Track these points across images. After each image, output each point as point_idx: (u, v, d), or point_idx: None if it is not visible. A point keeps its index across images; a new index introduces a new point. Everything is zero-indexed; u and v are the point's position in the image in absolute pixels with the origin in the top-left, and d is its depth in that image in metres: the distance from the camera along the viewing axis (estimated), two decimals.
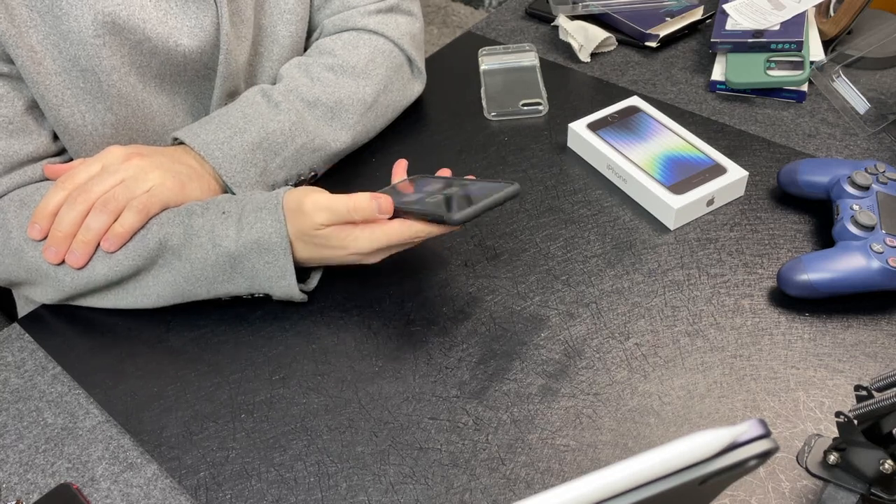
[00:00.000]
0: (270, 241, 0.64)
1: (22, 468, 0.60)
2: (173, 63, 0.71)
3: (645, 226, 0.74)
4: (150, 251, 0.65)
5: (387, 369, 0.64)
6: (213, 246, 0.64)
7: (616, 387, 0.61)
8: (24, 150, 0.69)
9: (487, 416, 0.60)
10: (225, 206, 0.66)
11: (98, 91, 0.68)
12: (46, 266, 0.66)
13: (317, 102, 0.76)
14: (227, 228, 0.64)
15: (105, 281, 0.66)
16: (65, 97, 0.68)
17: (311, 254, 0.65)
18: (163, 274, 0.66)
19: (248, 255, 0.64)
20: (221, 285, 0.66)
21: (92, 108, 0.69)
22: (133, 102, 0.71)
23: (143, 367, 0.65)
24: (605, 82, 0.92)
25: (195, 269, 0.65)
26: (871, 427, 0.47)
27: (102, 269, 0.65)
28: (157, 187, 0.67)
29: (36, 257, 0.66)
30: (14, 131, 0.68)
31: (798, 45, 0.87)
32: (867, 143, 0.81)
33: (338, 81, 0.78)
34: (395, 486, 0.56)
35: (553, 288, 0.69)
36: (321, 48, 0.81)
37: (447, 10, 2.70)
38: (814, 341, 0.63)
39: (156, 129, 0.74)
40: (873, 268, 0.62)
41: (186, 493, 0.57)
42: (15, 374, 0.66)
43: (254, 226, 0.64)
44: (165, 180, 0.67)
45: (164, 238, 0.65)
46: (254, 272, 0.65)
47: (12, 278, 0.68)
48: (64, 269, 0.66)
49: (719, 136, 0.82)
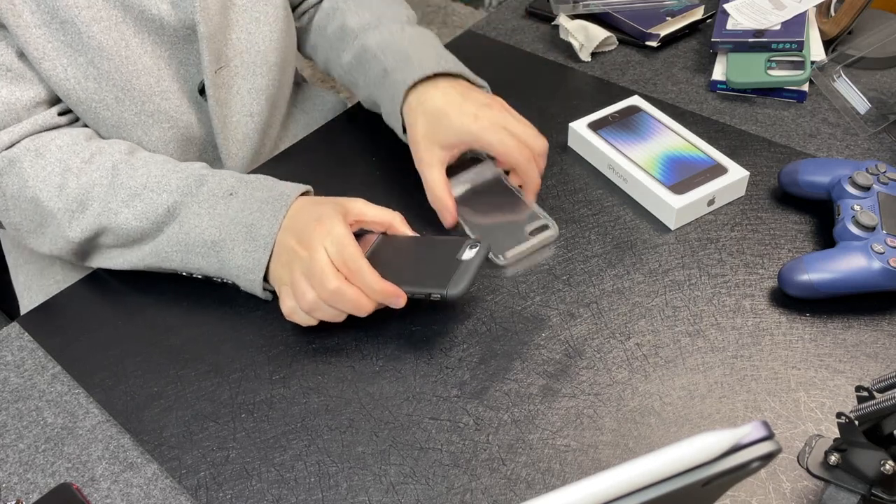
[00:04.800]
0: (259, 233, 0.65)
1: (22, 468, 0.60)
2: (148, 19, 0.71)
3: (646, 225, 0.74)
4: (158, 216, 0.67)
5: (387, 369, 0.63)
6: (211, 218, 0.66)
7: (617, 387, 0.61)
8: (26, 95, 0.70)
9: (488, 416, 0.60)
10: (236, 186, 0.68)
11: (79, 44, 0.68)
12: (60, 217, 0.68)
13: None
14: (228, 208, 0.66)
15: (113, 243, 0.69)
16: (46, 50, 0.68)
17: (280, 266, 0.65)
18: (160, 236, 0.68)
19: (233, 238, 0.65)
20: (196, 259, 0.67)
21: (73, 61, 0.69)
22: (116, 57, 0.70)
23: (143, 367, 0.65)
24: (605, 82, 0.92)
25: (183, 236, 0.67)
26: (872, 428, 0.47)
27: (111, 232, 0.68)
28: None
29: (49, 207, 0.68)
30: (13, 78, 0.69)
31: (799, 45, 0.87)
32: (868, 144, 0.80)
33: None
34: (395, 486, 0.56)
35: (554, 288, 0.68)
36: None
37: (447, 10, 2.70)
38: (815, 342, 0.63)
39: (142, 87, 0.72)
40: (874, 268, 0.62)
41: (186, 493, 0.57)
42: (14, 373, 0.66)
43: (252, 213, 0.65)
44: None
45: (173, 205, 0.67)
46: (231, 256, 0.66)
47: (22, 227, 0.71)
48: (73, 225, 0.68)
49: (720, 135, 0.82)
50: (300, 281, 0.62)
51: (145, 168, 0.69)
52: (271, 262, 0.65)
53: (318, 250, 0.62)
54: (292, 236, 0.64)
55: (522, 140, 0.71)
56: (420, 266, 0.64)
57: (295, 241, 0.63)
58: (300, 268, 0.62)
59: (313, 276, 0.61)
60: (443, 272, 0.62)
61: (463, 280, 0.61)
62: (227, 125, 0.79)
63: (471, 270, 0.62)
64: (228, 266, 0.66)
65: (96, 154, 0.70)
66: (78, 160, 0.69)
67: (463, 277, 0.61)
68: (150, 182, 0.68)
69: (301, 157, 0.85)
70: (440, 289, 0.61)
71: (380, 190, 0.79)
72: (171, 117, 0.75)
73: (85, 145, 0.70)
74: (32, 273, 0.86)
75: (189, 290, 0.71)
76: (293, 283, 0.63)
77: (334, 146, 0.86)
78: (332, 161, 0.84)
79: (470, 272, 0.61)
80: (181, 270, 0.69)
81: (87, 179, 0.68)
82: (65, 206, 0.68)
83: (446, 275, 0.62)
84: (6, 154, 0.69)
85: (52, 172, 0.68)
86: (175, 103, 0.75)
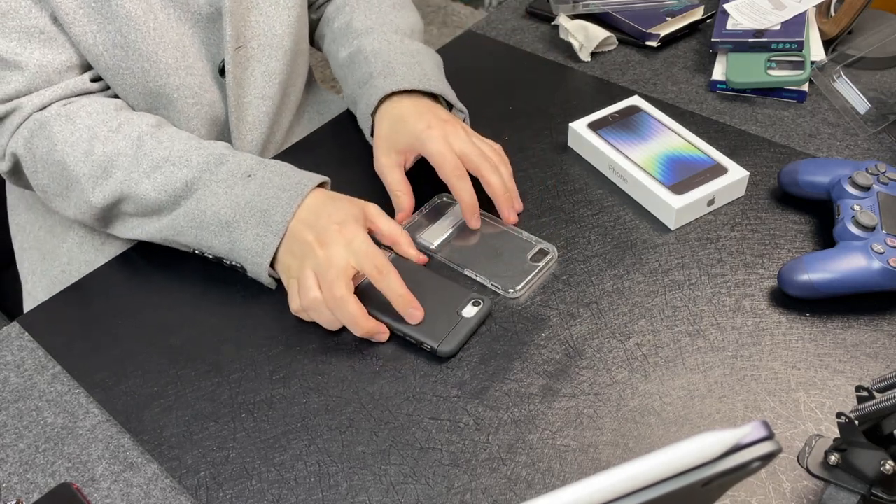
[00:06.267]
0: (273, 219, 0.65)
1: (22, 468, 0.60)
2: None
3: (645, 225, 0.74)
4: (176, 189, 0.68)
5: (387, 369, 0.64)
6: (227, 198, 0.67)
7: (617, 387, 0.61)
8: (58, 59, 0.71)
9: (488, 416, 0.60)
10: (255, 168, 0.69)
11: (108, 11, 0.70)
12: (85, 182, 0.70)
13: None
14: (245, 189, 0.67)
15: (133, 211, 0.70)
16: (77, 16, 0.69)
17: (290, 255, 0.66)
18: (177, 210, 0.69)
19: (247, 221, 0.66)
20: (209, 236, 0.68)
21: (102, 28, 0.70)
22: (143, 28, 0.71)
23: (143, 367, 0.65)
24: (605, 82, 0.92)
25: (199, 212, 0.68)
26: (872, 428, 0.47)
27: (131, 200, 0.69)
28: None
29: (75, 171, 0.69)
30: (46, 41, 0.70)
31: (799, 45, 0.87)
32: (868, 144, 0.81)
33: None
34: (395, 486, 0.56)
35: (553, 288, 0.68)
36: None
37: (447, 10, 2.70)
38: (814, 342, 0.63)
39: (168, 60, 0.74)
40: (874, 268, 0.62)
41: (186, 493, 0.57)
42: (14, 373, 0.66)
43: (268, 199, 0.66)
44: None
45: (191, 180, 0.68)
46: (242, 238, 0.66)
47: (49, 189, 0.72)
48: (96, 191, 0.70)
49: (720, 135, 0.82)
50: (309, 277, 0.64)
51: (169, 142, 0.70)
52: (280, 249, 0.66)
53: (337, 255, 0.63)
54: (310, 231, 0.65)
55: (462, 156, 0.71)
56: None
57: (313, 237, 0.64)
58: (313, 264, 0.64)
59: (325, 279, 0.63)
60: (440, 324, 0.64)
61: (456, 339, 0.63)
62: (240, 105, 0.81)
63: (466, 330, 0.64)
64: (239, 248, 0.67)
65: (124, 124, 0.71)
66: (106, 128, 0.70)
67: (457, 336, 0.63)
68: (172, 155, 0.69)
69: (312, 151, 0.85)
70: (433, 341, 0.63)
71: (380, 186, 0.79)
72: (195, 93, 0.77)
73: (114, 114, 0.72)
74: (37, 259, 0.87)
75: (189, 290, 0.71)
76: (301, 276, 0.64)
77: (342, 142, 0.86)
78: (340, 156, 0.84)
79: (465, 332, 0.64)
80: (195, 247, 0.70)
81: (112, 148, 0.70)
82: (90, 171, 0.69)
83: (443, 328, 0.64)
84: (38, 116, 0.71)
85: (81, 138, 0.70)
86: (199, 80, 0.77)
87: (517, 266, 0.69)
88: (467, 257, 0.71)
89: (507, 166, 0.75)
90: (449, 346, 0.62)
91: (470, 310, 0.65)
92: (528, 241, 0.71)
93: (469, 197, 0.71)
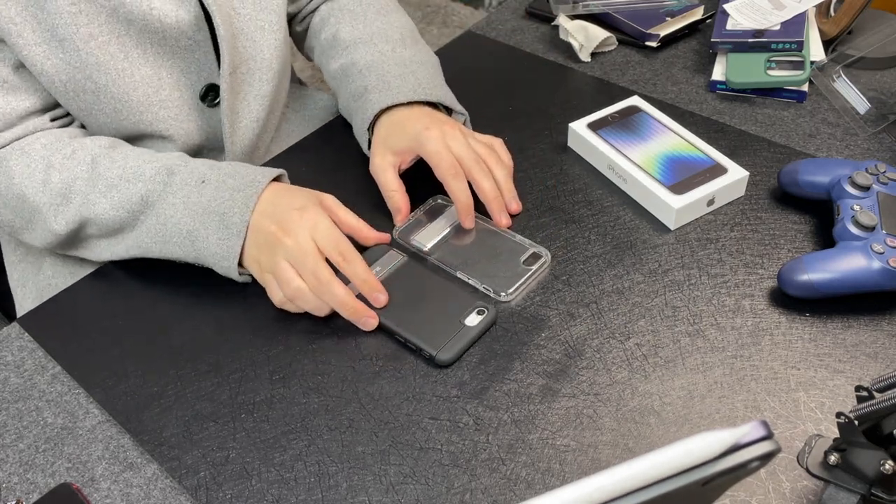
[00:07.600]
0: (232, 221, 0.66)
1: (22, 468, 0.60)
2: (152, 31, 0.71)
3: (645, 226, 0.74)
4: (133, 205, 0.69)
5: (387, 369, 0.64)
6: (185, 208, 0.67)
7: (616, 387, 0.61)
8: (21, 105, 0.72)
9: (488, 417, 0.60)
10: (207, 174, 0.69)
11: (77, 61, 0.69)
12: (46, 210, 0.70)
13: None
14: (201, 196, 0.68)
15: (97, 233, 0.71)
16: (45, 67, 0.69)
17: (256, 248, 0.66)
18: (139, 227, 0.69)
19: (207, 227, 0.67)
20: (174, 248, 0.69)
21: (72, 77, 0.70)
22: (112, 72, 0.71)
23: (143, 367, 0.65)
24: (605, 82, 0.92)
25: (160, 226, 0.68)
26: (871, 428, 0.47)
27: (93, 223, 0.70)
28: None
29: (35, 202, 0.70)
30: (10, 89, 0.71)
31: (798, 45, 0.87)
32: (867, 144, 0.81)
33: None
34: (395, 486, 0.56)
35: (553, 288, 0.69)
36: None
37: (447, 10, 2.70)
38: (814, 342, 0.63)
39: (139, 98, 0.74)
40: (874, 268, 0.62)
41: (186, 493, 0.57)
42: (14, 373, 0.66)
43: (224, 202, 0.67)
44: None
45: (146, 194, 0.68)
46: (206, 245, 0.67)
47: (14, 223, 0.73)
48: (58, 218, 0.70)
49: (720, 136, 0.82)
50: (286, 269, 0.64)
51: (123, 160, 0.71)
52: (245, 245, 0.67)
53: (305, 239, 0.64)
54: (270, 221, 0.65)
55: (458, 159, 0.71)
56: (423, 314, 0.65)
57: (275, 226, 0.65)
58: (284, 255, 0.64)
59: (304, 267, 0.63)
60: (441, 331, 0.64)
61: (456, 348, 0.63)
62: (235, 131, 0.81)
63: (467, 339, 0.64)
64: (204, 254, 0.68)
65: (78, 149, 0.71)
66: (60, 156, 0.71)
67: (457, 345, 0.63)
68: (125, 172, 0.70)
69: (299, 158, 0.85)
70: (432, 349, 0.63)
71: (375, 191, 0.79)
72: (169, 126, 0.77)
73: (68, 142, 0.72)
74: (26, 271, 0.87)
75: (189, 290, 0.71)
76: (276, 269, 0.64)
77: (331, 148, 0.86)
78: (329, 163, 0.84)
79: (465, 341, 0.63)
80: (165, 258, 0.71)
81: (68, 174, 0.70)
82: (49, 200, 0.70)
83: (444, 336, 0.63)
84: None
85: (37, 169, 0.70)
86: (174, 112, 0.76)
87: (510, 269, 0.69)
88: (460, 260, 0.71)
89: (506, 165, 0.75)
90: (447, 355, 0.62)
91: (473, 318, 0.65)
92: (521, 244, 0.71)
93: (465, 197, 0.71)
